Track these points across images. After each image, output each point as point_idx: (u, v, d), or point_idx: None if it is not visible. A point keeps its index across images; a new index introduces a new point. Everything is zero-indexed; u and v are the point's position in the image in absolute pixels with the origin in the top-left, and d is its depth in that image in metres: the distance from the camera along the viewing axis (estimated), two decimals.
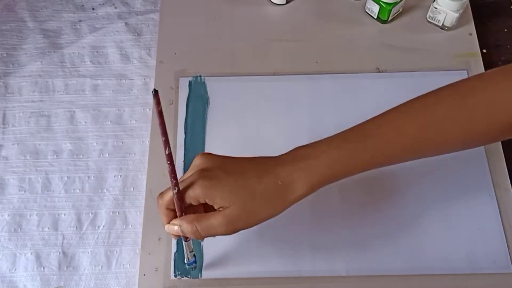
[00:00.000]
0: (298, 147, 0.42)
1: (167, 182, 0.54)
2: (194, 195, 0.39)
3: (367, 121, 0.42)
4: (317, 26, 0.66)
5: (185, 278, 0.50)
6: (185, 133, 0.57)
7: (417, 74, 0.61)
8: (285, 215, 0.52)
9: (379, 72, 0.61)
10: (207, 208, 0.41)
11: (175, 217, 0.41)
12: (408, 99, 0.58)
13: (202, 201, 0.39)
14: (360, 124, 0.42)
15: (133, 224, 0.54)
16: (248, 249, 0.51)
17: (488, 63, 0.62)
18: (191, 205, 0.40)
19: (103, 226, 0.54)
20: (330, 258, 0.51)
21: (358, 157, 0.40)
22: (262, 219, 0.40)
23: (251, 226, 0.40)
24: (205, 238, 0.41)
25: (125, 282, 0.51)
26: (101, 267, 0.52)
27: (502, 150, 0.56)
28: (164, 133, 0.36)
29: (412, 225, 0.52)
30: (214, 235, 0.40)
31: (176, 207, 0.40)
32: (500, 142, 0.56)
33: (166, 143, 0.36)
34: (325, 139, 0.42)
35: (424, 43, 0.63)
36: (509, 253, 0.51)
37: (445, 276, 0.50)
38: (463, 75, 0.60)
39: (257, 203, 0.39)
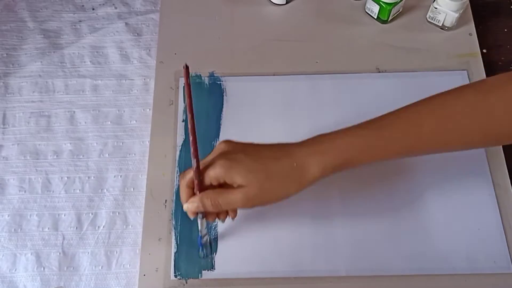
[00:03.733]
0: (318, 135, 0.43)
1: (167, 182, 0.55)
2: (215, 174, 0.41)
3: (386, 114, 0.44)
4: (317, 26, 0.66)
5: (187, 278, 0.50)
6: (185, 133, 0.57)
7: (417, 74, 0.61)
8: (285, 215, 0.53)
9: (379, 72, 0.61)
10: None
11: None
12: (408, 99, 0.58)
13: (221, 180, 0.41)
14: (378, 117, 0.44)
15: (133, 224, 0.54)
16: (248, 249, 0.51)
17: (488, 63, 0.62)
18: (209, 186, 0.42)
19: (103, 226, 0.54)
20: (330, 258, 0.51)
21: (373, 144, 0.42)
22: (277, 198, 0.42)
23: (268, 204, 0.42)
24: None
25: (125, 282, 0.51)
26: (101, 267, 0.52)
27: (502, 150, 0.56)
28: (191, 109, 0.40)
29: (412, 225, 0.52)
30: (233, 208, 0.43)
31: (195, 185, 0.42)
32: None
33: (192, 120, 0.41)
34: (343, 128, 0.43)
35: (424, 43, 0.63)
36: (509, 253, 0.51)
37: (445, 276, 0.50)
38: (463, 75, 0.60)
39: (273, 183, 0.41)
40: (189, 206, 0.42)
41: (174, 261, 0.51)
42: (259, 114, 0.59)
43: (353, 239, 0.52)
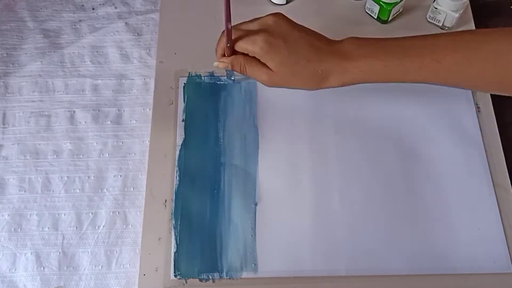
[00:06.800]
0: (351, 39, 0.48)
1: (167, 182, 0.55)
2: (252, 50, 0.47)
3: (412, 37, 0.47)
4: (317, 26, 0.65)
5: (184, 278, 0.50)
6: (185, 133, 0.57)
7: None
8: (285, 214, 0.53)
9: None
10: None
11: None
12: (408, 99, 0.59)
13: (252, 55, 0.48)
14: (405, 38, 0.47)
15: (133, 224, 0.54)
16: (247, 249, 0.51)
17: None
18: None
19: (103, 226, 0.54)
20: (330, 258, 0.51)
21: (393, 70, 0.45)
22: (294, 88, 0.49)
23: (285, 88, 0.49)
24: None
25: (125, 282, 0.51)
26: (101, 267, 0.52)
27: (502, 150, 0.56)
28: None
29: (412, 225, 0.52)
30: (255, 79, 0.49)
31: (226, 49, 0.49)
32: (500, 142, 0.56)
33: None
34: (372, 41, 0.47)
35: None
36: (509, 253, 0.51)
37: (445, 275, 0.50)
38: None
39: (295, 79, 0.47)
40: (220, 65, 0.51)
41: (174, 261, 0.51)
42: (259, 114, 0.59)
43: (353, 239, 0.52)
